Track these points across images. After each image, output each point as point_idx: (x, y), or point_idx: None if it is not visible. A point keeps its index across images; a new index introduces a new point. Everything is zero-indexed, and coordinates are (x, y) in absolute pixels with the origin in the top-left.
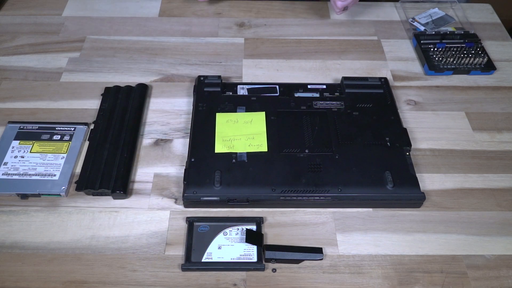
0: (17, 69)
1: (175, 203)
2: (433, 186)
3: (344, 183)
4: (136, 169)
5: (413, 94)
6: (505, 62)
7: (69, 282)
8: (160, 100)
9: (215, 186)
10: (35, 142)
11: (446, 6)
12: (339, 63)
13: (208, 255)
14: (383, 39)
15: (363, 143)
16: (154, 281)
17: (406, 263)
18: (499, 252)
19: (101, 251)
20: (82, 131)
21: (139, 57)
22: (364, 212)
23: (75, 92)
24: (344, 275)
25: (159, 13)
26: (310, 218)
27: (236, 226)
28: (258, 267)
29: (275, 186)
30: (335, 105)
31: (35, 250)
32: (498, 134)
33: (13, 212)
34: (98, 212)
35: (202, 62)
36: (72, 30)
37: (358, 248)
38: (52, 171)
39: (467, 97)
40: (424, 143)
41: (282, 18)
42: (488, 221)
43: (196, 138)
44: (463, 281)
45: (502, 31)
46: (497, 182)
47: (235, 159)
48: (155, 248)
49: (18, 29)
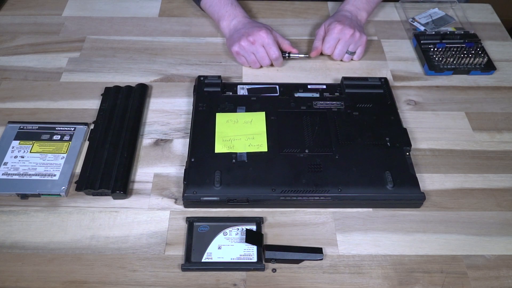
0: (17, 69)
1: (175, 203)
2: (433, 186)
3: (344, 183)
4: (136, 169)
5: (413, 94)
6: (505, 62)
7: (69, 282)
8: (160, 100)
9: (215, 186)
10: (35, 142)
11: (446, 6)
12: (339, 63)
13: (208, 255)
14: (383, 39)
15: (363, 143)
16: (154, 281)
17: (406, 263)
18: (499, 252)
19: (101, 251)
20: (82, 131)
21: (139, 57)
22: (364, 212)
23: (75, 92)
24: (344, 275)
25: (159, 13)
26: (310, 218)
27: (236, 226)
28: (258, 267)
29: (275, 186)
30: (335, 105)
31: (35, 250)
32: (498, 134)
33: (13, 212)
34: (98, 212)
35: (202, 62)
36: (72, 30)
37: (358, 248)
38: (52, 171)
39: (467, 97)
40: (424, 143)
41: (282, 18)
42: (488, 221)
43: (196, 138)
44: (463, 281)
45: (502, 31)
46: (497, 182)
47: (235, 159)
48: (155, 248)
49: (18, 29)
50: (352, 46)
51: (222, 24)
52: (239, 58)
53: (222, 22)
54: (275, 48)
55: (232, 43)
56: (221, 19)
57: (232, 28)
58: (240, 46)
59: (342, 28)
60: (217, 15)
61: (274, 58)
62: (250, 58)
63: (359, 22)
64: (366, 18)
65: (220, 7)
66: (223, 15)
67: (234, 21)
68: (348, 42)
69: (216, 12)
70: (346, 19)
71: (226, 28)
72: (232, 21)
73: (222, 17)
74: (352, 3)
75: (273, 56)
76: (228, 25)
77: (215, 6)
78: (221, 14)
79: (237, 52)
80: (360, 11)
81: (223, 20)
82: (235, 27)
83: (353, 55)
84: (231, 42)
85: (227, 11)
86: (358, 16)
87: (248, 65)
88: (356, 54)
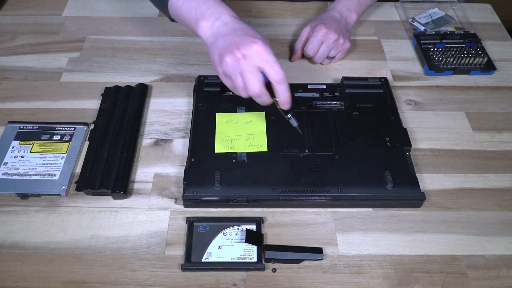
0: (17, 69)
1: (175, 203)
2: (433, 186)
3: (344, 183)
4: (136, 169)
5: (413, 94)
6: (505, 62)
7: (69, 282)
8: (160, 100)
9: (215, 186)
10: (35, 142)
11: (446, 6)
12: (339, 63)
13: (208, 255)
14: (383, 39)
15: (363, 143)
16: (154, 281)
17: (406, 263)
18: (499, 252)
19: (101, 251)
20: (82, 131)
21: (139, 57)
22: (364, 212)
23: (75, 92)
24: (344, 275)
25: (159, 13)
26: (310, 218)
27: (236, 226)
28: (258, 267)
29: (275, 186)
30: (335, 105)
31: (35, 250)
32: (498, 134)
33: (13, 212)
34: (98, 212)
35: (202, 62)
36: (72, 30)
37: (358, 248)
38: (52, 171)
39: (467, 97)
40: (424, 143)
41: (282, 18)
42: (488, 221)
43: (196, 138)
44: (463, 281)
45: (502, 31)
46: (497, 182)
47: (235, 159)
48: (155, 248)
49: (18, 29)
50: (333, 51)
51: (202, 26)
52: (226, 80)
53: (202, 23)
54: (278, 66)
55: (216, 56)
56: (200, 18)
57: (215, 32)
58: (224, 63)
59: (327, 32)
60: (195, 13)
61: (278, 80)
62: (237, 82)
63: (347, 26)
64: (356, 20)
65: (198, 3)
66: (203, 13)
67: (218, 21)
68: (331, 47)
69: (193, 9)
70: (333, 22)
71: (208, 30)
72: (215, 22)
73: (202, 15)
74: (343, 3)
75: (276, 77)
76: (211, 26)
77: (192, 2)
78: (199, 12)
79: (223, 72)
80: (351, 12)
81: (202, 20)
82: (219, 31)
83: (332, 60)
84: (215, 52)
85: (208, 7)
86: (348, 18)
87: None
88: (334, 59)
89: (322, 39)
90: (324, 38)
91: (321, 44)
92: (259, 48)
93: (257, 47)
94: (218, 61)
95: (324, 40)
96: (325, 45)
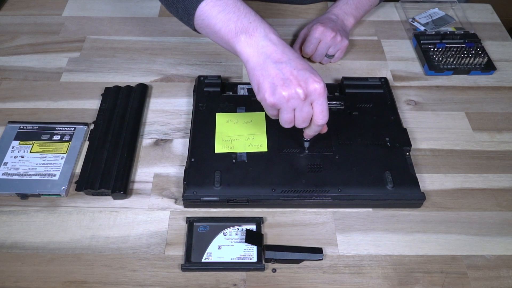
0: (17, 69)
1: (175, 203)
2: (433, 186)
3: (344, 183)
4: (136, 169)
5: (413, 94)
6: (505, 62)
7: (69, 282)
8: (160, 100)
9: (215, 186)
10: (35, 142)
11: (446, 6)
12: (339, 63)
13: (208, 255)
14: (383, 39)
15: (363, 143)
16: (154, 281)
17: (406, 263)
18: (499, 252)
19: (101, 251)
20: (82, 131)
21: (139, 57)
22: (364, 212)
23: (75, 92)
24: (344, 275)
25: (159, 13)
26: (310, 218)
27: (236, 226)
28: (258, 267)
29: (275, 186)
30: (335, 105)
31: (35, 250)
32: (498, 134)
33: (13, 212)
34: (98, 212)
35: (202, 62)
36: (72, 30)
37: (358, 248)
38: (52, 171)
39: (467, 97)
40: (424, 143)
41: (282, 18)
42: (488, 221)
43: (196, 138)
44: (463, 281)
45: (502, 31)
46: (497, 182)
47: (235, 159)
48: (155, 248)
49: (18, 29)
50: (331, 49)
51: (244, 41)
52: (271, 109)
53: (244, 37)
54: (327, 112)
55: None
56: (241, 32)
57: (262, 51)
58: (279, 95)
59: (324, 30)
60: (234, 26)
61: (320, 124)
62: (286, 116)
63: (344, 27)
64: (353, 24)
65: (239, 15)
66: (244, 26)
67: (264, 40)
68: (328, 44)
69: (233, 21)
70: (329, 22)
71: (252, 47)
72: (261, 39)
73: (244, 29)
74: (340, 7)
75: (320, 122)
76: (255, 43)
77: (231, 13)
78: (240, 24)
79: (274, 104)
80: (347, 16)
81: (245, 34)
82: (267, 51)
83: (331, 59)
84: (265, 79)
85: (250, 22)
86: (345, 21)
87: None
88: (334, 58)
89: (319, 37)
90: (321, 36)
91: (319, 42)
92: (320, 91)
93: (319, 89)
94: (270, 91)
95: (321, 38)
96: (323, 42)
